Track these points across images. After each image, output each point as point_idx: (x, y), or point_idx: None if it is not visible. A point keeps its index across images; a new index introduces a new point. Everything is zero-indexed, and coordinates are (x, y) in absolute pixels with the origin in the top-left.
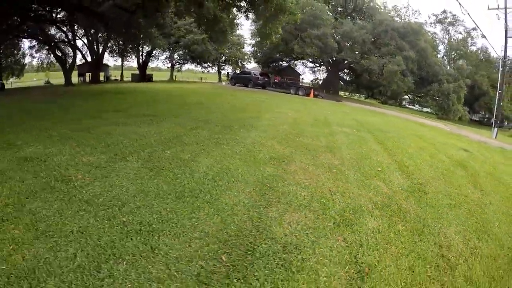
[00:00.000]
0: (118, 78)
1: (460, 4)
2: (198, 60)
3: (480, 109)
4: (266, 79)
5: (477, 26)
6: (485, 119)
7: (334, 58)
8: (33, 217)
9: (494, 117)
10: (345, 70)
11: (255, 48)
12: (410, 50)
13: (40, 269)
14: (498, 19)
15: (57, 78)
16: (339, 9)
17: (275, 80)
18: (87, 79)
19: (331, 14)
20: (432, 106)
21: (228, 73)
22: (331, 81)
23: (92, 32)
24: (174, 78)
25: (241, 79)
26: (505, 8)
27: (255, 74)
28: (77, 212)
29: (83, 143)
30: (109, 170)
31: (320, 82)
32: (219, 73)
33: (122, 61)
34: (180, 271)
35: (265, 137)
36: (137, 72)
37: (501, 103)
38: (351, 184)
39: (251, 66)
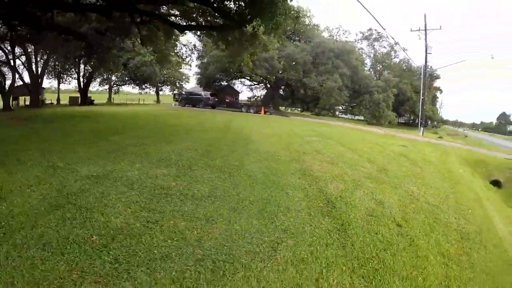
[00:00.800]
0: (54, 101)
1: (383, 27)
2: (138, 82)
3: (405, 113)
4: (216, 99)
5: (397, 42)
6: (410, 121)
7: (274, 77)
8: (181, 213)
9: (420, 118)
10: (282, 87)
11: (201, 69)
12: (344, 68)
13: (238, 236)
14: (419, 39)
15: None
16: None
17: (227, 100)
18: (21, 102)
19: None
20: (365, 114)
21: (174, 94)
22: (271, 97)
23: (31, 51)
24: (112, 101)
25: (192, 100)
26: (425, 29)
27: (205, 95)
28: (213, 203)
29: (136, 161)
30: (191, 177)
31: (258, 98)
32: (157, 94)
33: (59, 83)
34: (311, 212)
35: (271, 147)
36: (76, 95)
37: (425, 107)
38: (347, 169)
39: (189, 86)
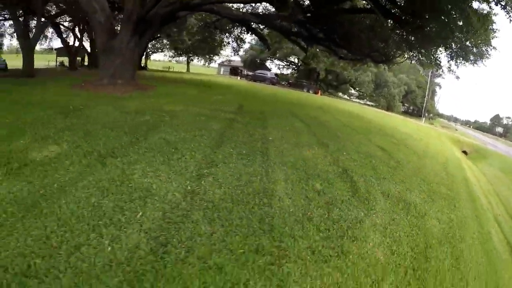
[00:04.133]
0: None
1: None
2: (175, 50)
3: (407, 103)
4: (278, 78)
5: None
6: (409, 110)
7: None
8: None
9: (424, 109)
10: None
11: (249, 51)
12: (372, 66)
13: None
14: None
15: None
16: None
17: (290, 81)
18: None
19: None
20: (382, 103)
21: (231, 69)
22: (306, 79)
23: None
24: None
25: (259, 77)
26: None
27: (270, 75)
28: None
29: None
30: None
31: (289, 76)
32: (188, 63)
33: None
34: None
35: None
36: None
37: (428, 103)
38: (403, 128)
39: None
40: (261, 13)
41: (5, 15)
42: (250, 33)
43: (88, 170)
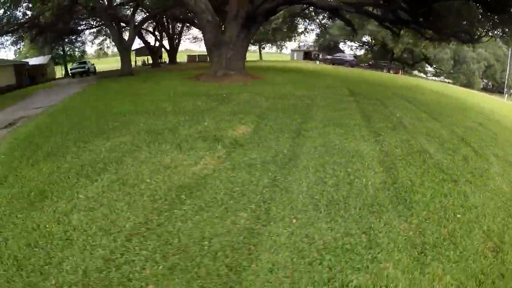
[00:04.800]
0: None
1: None
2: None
3: (486, 79)
4: (357, 61)
5: None
6: (488, 86)
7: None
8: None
9: (505, 86)
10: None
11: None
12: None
13: None
14: None
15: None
16: None
17: (369, 62)
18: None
19: None
20: (461, 80)
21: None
22: (381, 58)
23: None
24: None
25: (337, 61)
26: None
27: (350, 57)
28: None
29: None
30: None
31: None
32: (260, 51)
33: (178, 44)
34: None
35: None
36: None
37: (510, 78)
38: (484, 105)
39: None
40: (354, 2)
41: (88, 25)
42: (335, 19)
43: (306, 140)
